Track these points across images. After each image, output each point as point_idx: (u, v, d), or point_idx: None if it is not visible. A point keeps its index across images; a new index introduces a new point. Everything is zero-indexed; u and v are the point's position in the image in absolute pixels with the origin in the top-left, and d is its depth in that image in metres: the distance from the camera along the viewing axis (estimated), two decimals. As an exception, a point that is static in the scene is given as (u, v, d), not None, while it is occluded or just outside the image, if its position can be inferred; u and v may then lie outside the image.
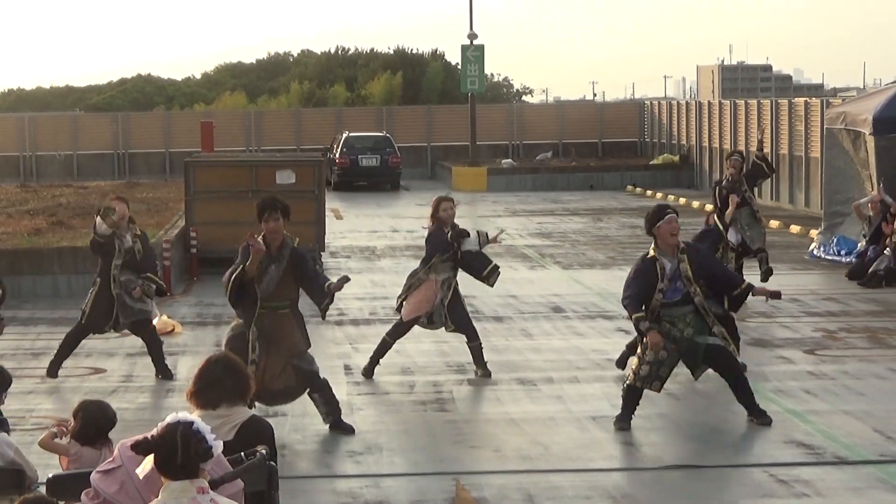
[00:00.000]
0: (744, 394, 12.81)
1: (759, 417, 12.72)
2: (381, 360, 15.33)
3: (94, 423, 8.01)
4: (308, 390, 12.62)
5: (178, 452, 5.06)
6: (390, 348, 15.39)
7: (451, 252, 15.13)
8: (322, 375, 12.75)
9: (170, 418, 5.16)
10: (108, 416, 8.13)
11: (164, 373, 15.34)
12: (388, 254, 27.70)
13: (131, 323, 15.37)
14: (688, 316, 12.55)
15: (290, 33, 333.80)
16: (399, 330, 15.37)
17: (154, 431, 5.15)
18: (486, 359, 15.42)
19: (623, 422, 12.72)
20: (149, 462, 5.13)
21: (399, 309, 15.47)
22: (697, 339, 12.56)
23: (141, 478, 5.26)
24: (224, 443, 5.32)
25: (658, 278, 12.40)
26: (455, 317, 15.19)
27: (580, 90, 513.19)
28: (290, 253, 12.41)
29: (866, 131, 25.02)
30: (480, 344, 15.33)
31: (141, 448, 5.12)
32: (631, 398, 12.74)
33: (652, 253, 12.55)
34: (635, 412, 12.77)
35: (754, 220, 20.53)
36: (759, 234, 20.59)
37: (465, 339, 15.33)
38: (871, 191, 23.75)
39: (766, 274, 20.26)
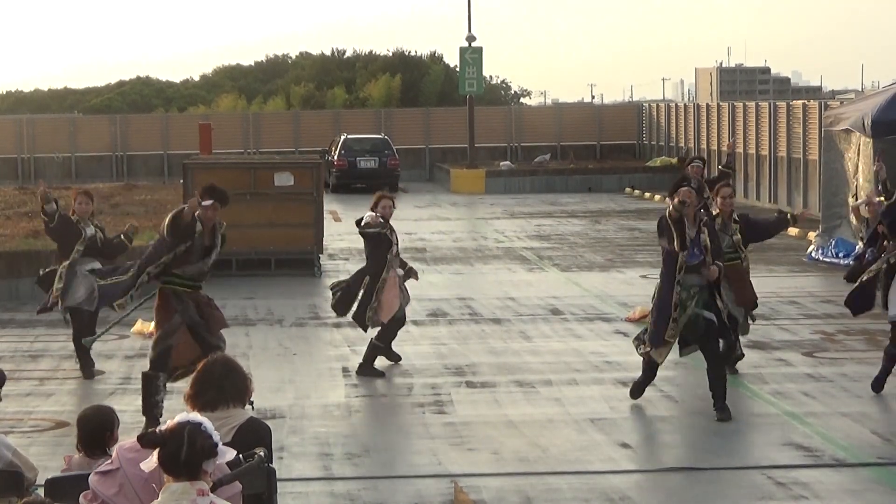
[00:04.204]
0: (716, 381, 13.26)
1: (720, 412, 13.08)
2: (374, 364, 15.54)
3: (90, 432, 7.84)
4: None
5: (183, 447, 5.09)
6: (381, 352, 15.65)
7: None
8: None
9: (179, 417, 5.21)
10: (100, 420, 7.92)
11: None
12: (386, 256, 27.70)
13: (84, 306, 15.60)
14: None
15: (289, 35, 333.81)
16: (387, 332, 15.66)
17: (162, 427, 5.20)
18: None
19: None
20: (154, 458, 5.14)
21: (368, 322, 15.65)
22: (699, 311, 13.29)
23: (146, 470, 5.26)
24: (221, 445, 5.34)
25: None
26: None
27: (578, 92, 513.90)
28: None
29: (864, 133, 25.01)
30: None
31: (147, 440, 5.15)
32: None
33: None
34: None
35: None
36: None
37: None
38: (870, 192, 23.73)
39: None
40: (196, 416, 5.23)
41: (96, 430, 7.63)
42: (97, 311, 15.65)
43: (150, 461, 5.18)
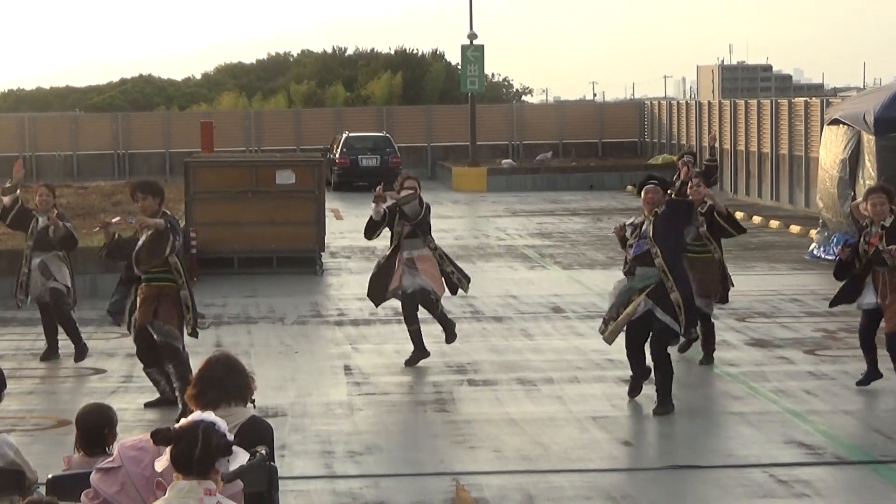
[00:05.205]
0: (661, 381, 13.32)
1: (659, 407, 13.14)
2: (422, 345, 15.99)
3: (87, 431, 7.79)
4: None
5: (197, 445, 5.08)
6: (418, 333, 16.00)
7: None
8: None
9: (194, 416, 5.20)
10: (98, 418, 7.84)
11: (80, 352, 16.05)
12: (388, 254, 27.69)
13: (44, 299, 16.12)
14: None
15: (290, 33, 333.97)
16: (403, 310, 16.17)
17: (176, 425, 5.20)
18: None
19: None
20: (166, 456, 5.14)
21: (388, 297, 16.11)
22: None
23: (158, 469, 5.26)
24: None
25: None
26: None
27: (580, 90, 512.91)
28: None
29: (867, 130, 24.97)
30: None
31: (161, 436, 5.14)
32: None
33: None
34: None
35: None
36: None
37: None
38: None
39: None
40: (210, 416, 5.23)
41: (94, 429, 7.61)
42: (64, 300, 16.21)
43: (163, 460, 5.17)
